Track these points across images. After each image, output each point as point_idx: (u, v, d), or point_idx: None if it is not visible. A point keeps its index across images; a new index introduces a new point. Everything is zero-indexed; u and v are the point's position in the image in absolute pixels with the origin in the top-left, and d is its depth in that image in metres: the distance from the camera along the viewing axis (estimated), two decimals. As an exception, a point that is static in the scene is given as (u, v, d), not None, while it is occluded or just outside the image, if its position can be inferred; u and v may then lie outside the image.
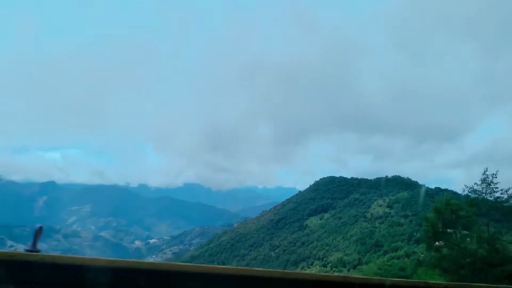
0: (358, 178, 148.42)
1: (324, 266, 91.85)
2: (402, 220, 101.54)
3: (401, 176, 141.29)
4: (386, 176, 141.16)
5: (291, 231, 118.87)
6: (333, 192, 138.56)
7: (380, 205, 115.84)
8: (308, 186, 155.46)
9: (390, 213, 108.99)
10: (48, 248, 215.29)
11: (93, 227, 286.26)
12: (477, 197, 24.60)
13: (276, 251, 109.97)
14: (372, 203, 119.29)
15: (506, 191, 23.42)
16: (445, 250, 23.52)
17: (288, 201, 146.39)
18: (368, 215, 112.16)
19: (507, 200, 23.14)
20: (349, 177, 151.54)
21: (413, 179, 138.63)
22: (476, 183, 24.87)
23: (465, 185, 26.46)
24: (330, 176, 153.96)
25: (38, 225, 4.20)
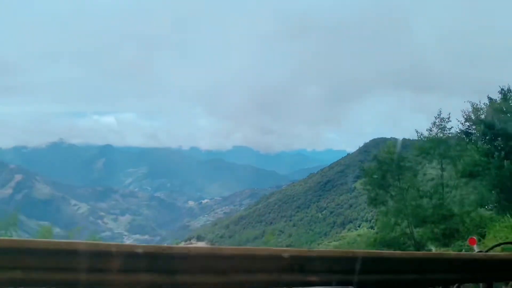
0: (410, 139, 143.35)
1: (372, 228, 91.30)
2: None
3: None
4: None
5: (338, 193, 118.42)
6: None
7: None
8: (358, 148, 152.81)
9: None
10: (108, 208, 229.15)
11: (149, 188, 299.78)
12: (428, 143, 21.70)
13: (323, 212, 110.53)
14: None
15: (459, 134, 20.00)
16: (389, 204, 21.52)
17: (336, 163, 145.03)
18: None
19: (463, 146, 19.53)
20: (401, 138, 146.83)
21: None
22: (427, 129, 21.74)
23: (416, 130, 22.43)
24: (381, 138, 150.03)
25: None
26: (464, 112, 17.65)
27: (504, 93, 16.38)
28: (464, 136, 19.13)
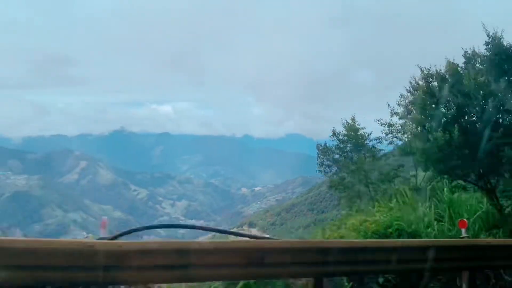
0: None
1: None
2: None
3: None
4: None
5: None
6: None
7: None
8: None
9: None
10: (165, 193, 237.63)
11: (204, 175, 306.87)
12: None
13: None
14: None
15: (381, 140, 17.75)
16: (351, 188, 19.47)
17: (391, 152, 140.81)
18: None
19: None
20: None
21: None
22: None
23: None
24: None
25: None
26: (413, 79, 14.30)
27: (468, 57, 13.98)
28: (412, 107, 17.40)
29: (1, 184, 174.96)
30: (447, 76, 13.50)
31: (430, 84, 13.59)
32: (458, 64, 13.93)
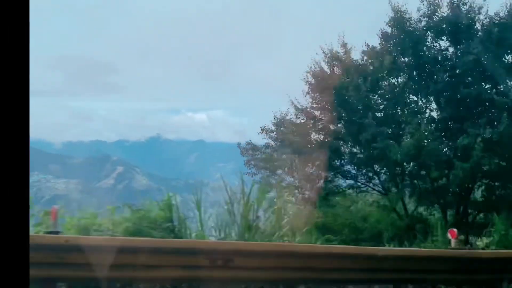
0: None
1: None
2: None
3: None
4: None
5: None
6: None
7: None
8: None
9: None
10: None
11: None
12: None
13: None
14: None
15: None
16: None
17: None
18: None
19: None
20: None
21: None
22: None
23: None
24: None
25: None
26: (315, 63, 12.47)
27: (386, 37, 11.77)
28: None
29: (41, 187, 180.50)
30: (343, 58, 11.87)
31: (330, 68, 12.38)
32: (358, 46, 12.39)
